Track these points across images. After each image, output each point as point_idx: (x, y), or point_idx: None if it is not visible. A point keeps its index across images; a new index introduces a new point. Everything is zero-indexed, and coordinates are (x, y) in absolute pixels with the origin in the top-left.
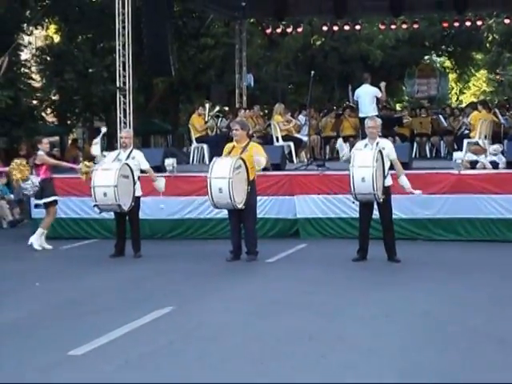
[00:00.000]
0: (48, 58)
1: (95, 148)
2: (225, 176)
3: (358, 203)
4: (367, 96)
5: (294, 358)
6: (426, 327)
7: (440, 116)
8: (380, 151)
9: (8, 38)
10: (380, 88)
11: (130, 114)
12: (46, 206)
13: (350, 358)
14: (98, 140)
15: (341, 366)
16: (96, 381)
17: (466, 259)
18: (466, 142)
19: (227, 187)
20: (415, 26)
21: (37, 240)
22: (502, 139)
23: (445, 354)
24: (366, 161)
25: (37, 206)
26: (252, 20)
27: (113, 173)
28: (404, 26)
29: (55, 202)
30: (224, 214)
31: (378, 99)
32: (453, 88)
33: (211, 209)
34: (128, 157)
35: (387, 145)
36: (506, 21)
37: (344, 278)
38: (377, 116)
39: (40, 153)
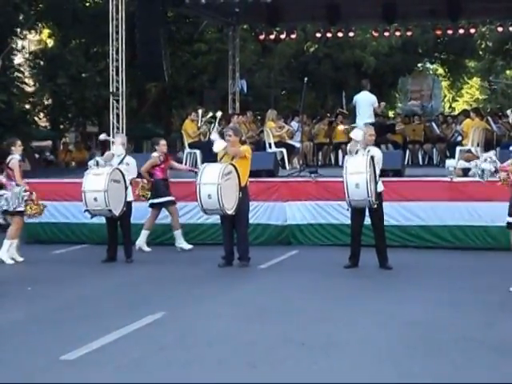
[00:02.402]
0: (41, 63)
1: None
2: (213, 182)
3: (349, 209)
4: (365, 103)
5: (286, 363)
6: (417, 334)
7: (433, 123)
8: (372, 157)
9: (1, 42)
10: (379, 102)
11: (122, 118)
12: (152, 206)
13: (341, 365)
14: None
15: (332, 372)
16: None
17: (458, 266)
18: (458, 149)
19: (216, 193)
20: (408, 33)
21: (143, 242)
22: (495, 147)
23: (436, 362)
24: (359, 167)
25: (151, 205)
26: (245, 26)
27: (103, 177)
28: (397, 33)
29: (172, 202)
30: (215, 219)
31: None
32: (445, 95)
33: (202, 214)
34: (121, 162)
35: (377, 154)
36: (499, 28)
37: (336, 284)
38: (371, 123)
39: (154, 154)
